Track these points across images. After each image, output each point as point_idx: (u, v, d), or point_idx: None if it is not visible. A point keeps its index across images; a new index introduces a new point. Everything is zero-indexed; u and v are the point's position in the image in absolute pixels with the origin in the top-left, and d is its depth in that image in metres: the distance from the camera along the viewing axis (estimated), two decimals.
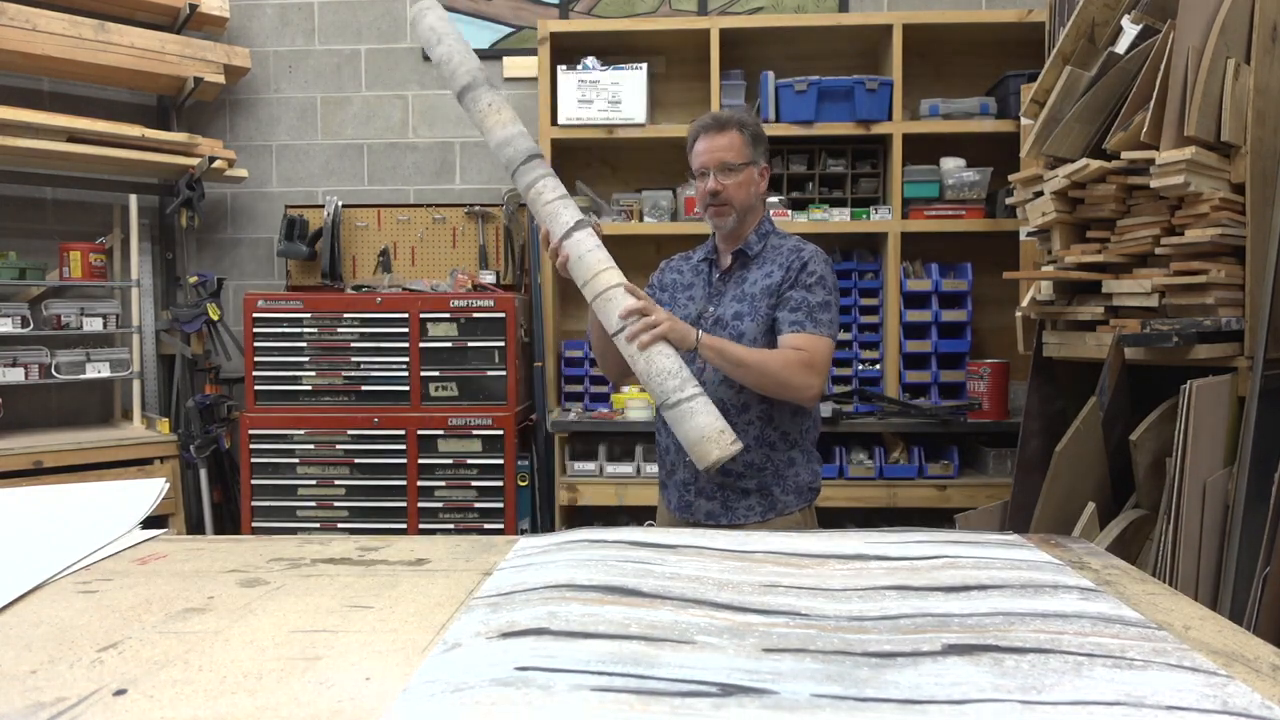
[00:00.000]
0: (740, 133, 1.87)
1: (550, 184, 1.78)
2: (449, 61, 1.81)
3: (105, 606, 0.91)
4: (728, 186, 1.86)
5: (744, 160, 1.87)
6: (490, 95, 1.80)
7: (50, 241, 3.60)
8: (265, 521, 3.40)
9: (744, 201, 1.89)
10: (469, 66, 1.81)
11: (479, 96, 1.80)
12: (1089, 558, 1.07)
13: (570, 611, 0.82)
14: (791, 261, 1.88)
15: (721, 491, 1.88)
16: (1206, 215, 2.04)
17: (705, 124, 1.89)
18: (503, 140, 1.79)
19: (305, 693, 0.69)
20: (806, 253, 1.91)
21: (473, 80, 1.80)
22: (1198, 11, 2.09)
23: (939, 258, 3.47)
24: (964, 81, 3.59)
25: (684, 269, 2.04)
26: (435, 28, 1.83)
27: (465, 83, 1.80)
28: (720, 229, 1.93)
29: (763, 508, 1.89)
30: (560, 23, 3.61)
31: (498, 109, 1.80)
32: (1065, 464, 2.19)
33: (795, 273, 1.86)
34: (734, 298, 1.90)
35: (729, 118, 1.89)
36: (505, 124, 1.79)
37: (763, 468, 1.88)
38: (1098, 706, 0.64)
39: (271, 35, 3.94)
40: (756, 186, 1.92)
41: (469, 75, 1.80)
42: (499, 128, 1.78)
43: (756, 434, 1.86)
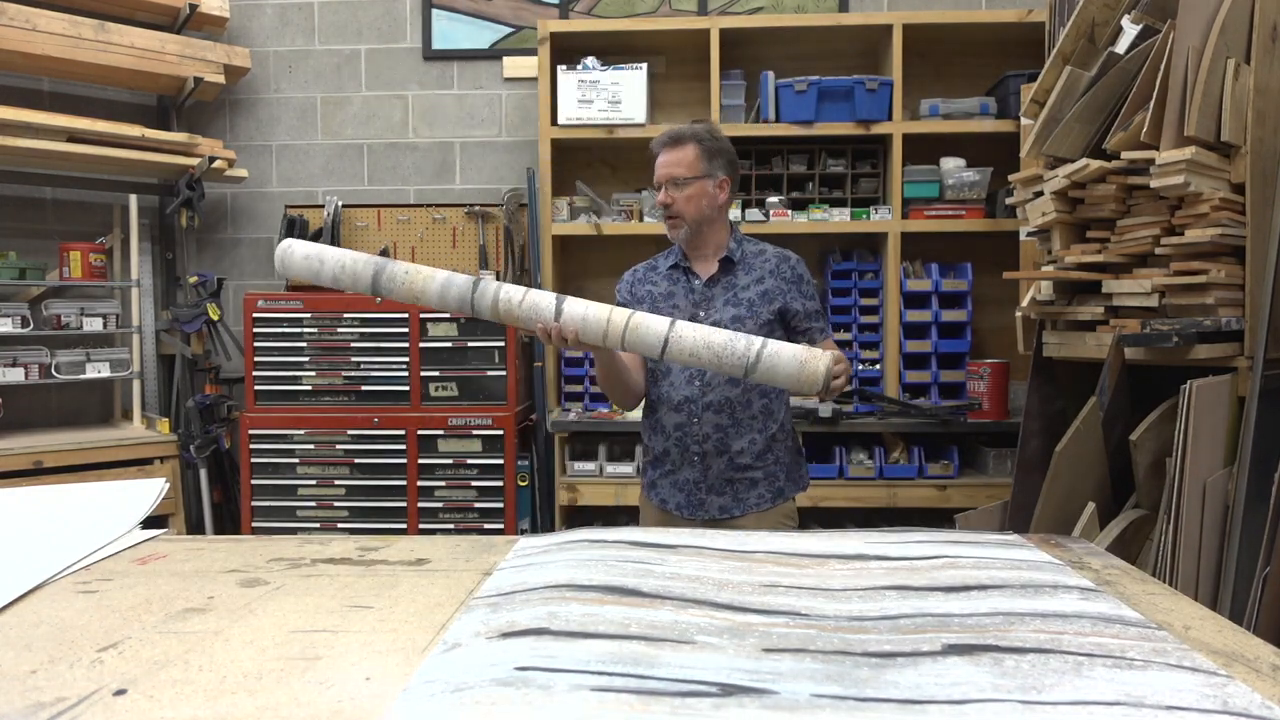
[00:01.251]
0: (696, 146, 1.93)
1: (509, 289, 1.77)
2: (343, 273, 1.78)
3: (105, 606, 0.91)
4: (676, 200, 1.94)
5: (695, 174, 1.93)
6: (395, 268, 1.78)
7: (50, 241, 3.60)
8: (265, 521, 3.40)
9: (694, 214, 1.95)
10: (361, 260, 1.79)
11: (394, 275, 1.77)
12: (1089, 558, 1.07)
13: (570, 611, 0.82)
14: (785, 272, 1.99)
15: (732, 486, 1.96)
16: (1206, 215, 2.04)
17: (663, 140, 1.98)
18: (439, 290, 1.76)
19: (305, 693, 0.69)
20: (793, 261, 2.02)
21: (376, 270, 1.77)
22: (1198, 11, 2.09)
23: (939, 258, 3.47)
24: (964, 81, 3.59)
25: (655, 279, 2.06)
26: (308, 256, 1.80)
27: (373, 273, 1.77)
28: (674, 240, 2.01)
29: (771, 494, 1.98)
30: (560, 23, 3.61)
31: (413, 274, 1.78)
32: (1065, 464, 2.19)
33: (794, 284, 1.99)
34: (728, 302, 1.96)
35: (686, 133, 1.96)
36: (429, 277, 1.77)
37: (767, 456, 1.97)
38: (1098, 706, 0.64)
39: (271, 35, 3.94)
40: (710, 199, 1.96)
41: (370, 267, 1.78)
42: (429, 283, 1.76)
43: (760, 427, 1.96)
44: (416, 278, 1.76)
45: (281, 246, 1.83)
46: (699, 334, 1.67)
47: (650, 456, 2.05)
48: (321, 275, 1.79)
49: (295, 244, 1.83)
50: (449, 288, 1.75)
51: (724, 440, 1.94)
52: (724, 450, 1.94)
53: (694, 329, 1.68)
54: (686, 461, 1.97)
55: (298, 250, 1.81)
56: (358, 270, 1.77)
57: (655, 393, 2.01)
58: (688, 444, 1.96)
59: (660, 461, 2.02)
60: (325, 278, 1.79)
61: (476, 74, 3.90)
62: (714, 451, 1.94)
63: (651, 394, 2.03)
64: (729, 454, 1.94)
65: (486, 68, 3.90)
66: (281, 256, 1.82)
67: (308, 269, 1.80)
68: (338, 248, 1.83)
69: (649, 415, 2.04)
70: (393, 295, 1.79)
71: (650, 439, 2.04)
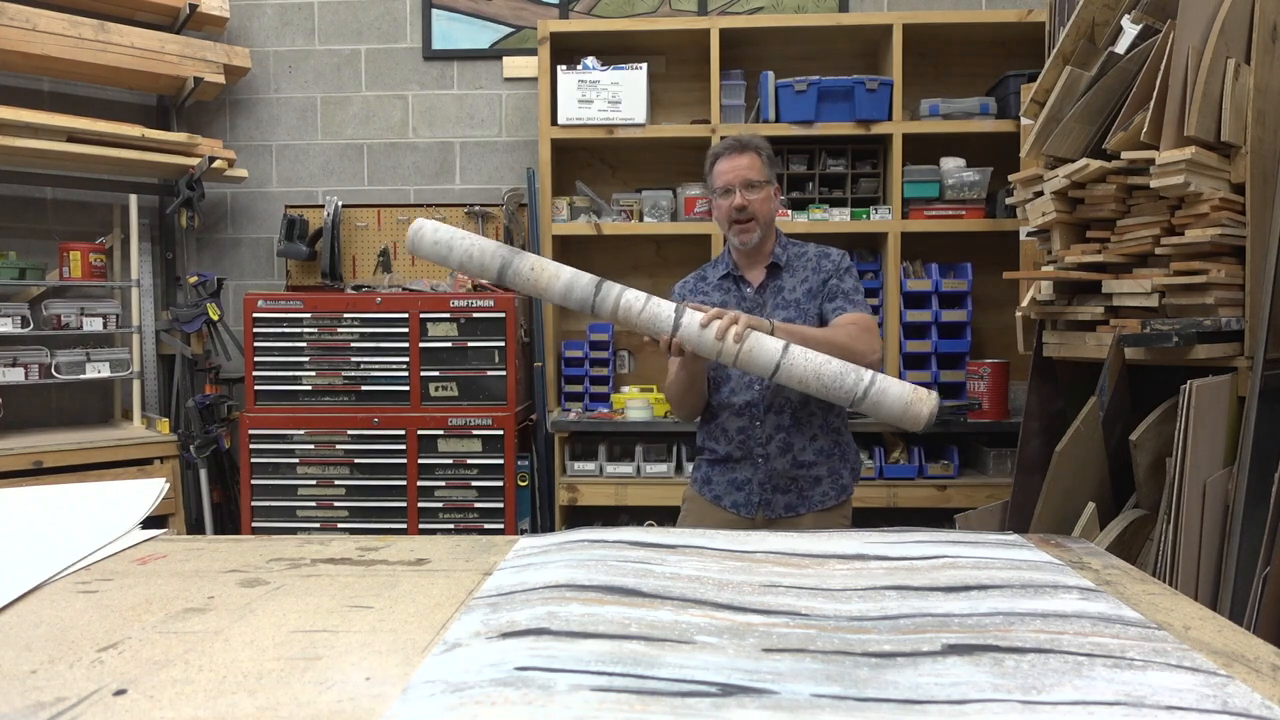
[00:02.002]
0: (759, 154, 2.00)
1: (631, 296, 1.81)
2: (471, 260, 1.82)
3: (105, 606, 0.91)
4: (753, 202, 1.97)
5: (764, 178, 2.00)
6: (526, 261, 1.82)
7: (50, 241, 3.60)
8: (265, 521, 3.40)
9: (767, 216, 2.01)
10: (489, 251, 1.82)
11: (520, 269, 1.82)
12: (1089, 558, 1.07)
13: (570, 611, 0.82)
14: (824, 265, 2.03)
15: (796, 484, 2.00)
16: (1206, 215, 2.04)
17: (728, 145, 2.01)
18: (564, 289, 1.81)
19: (305, 693, 0.69)
20: (834, 255, 2.05)
21: (505, 261, 1.81)
22: (1198, 11, 2.09)
23: (939, 258, 3.47)
24: (964, 81, 3.59)
25: (706, 290, 2.10)
26: (438, 241, 1.83)
27: (499, 265, 1.81)
28: (746, 245, 2.01)
29: (835, 491, 2.02)
30: (560, 23, 3.61)
31: (540, 268, 1.82)
32: (1065, 464, 2.19)
33: (830, 272, 2.02)
34: (778, 305, 2.01)
35: (749, 140, 2.02)
36: (556, 275, 1.81)
37: (830, 453, 2.01)
38: (1098, 706, 0.64)
39: (271, 35, 3.94)
40: (774, 203, 2.04)
41: (498, 259, 1.82)
42: (554, 280, 1.81)
43: (820, 423, 2.00)
44: (541, 275, 1.80)
45: (413, 227, 1.85)
46: (810, 363, 1.72)
47: (712, 458, 2.07)
48: (449, 260, 1.83)
49: (426, 226, 1.85)
50: (572, 289, 1.80)
51: (787, 440, 1.97)
52: (787, 449, 1.97)
53: (806, 356, 1.72)
54: (749, 463, 2.00)
55: (427, 234, 1.83)
56: (485, 261, 1.81)
57: (715, 399, 2.04)
58: (751, 446, 1.99)
59: (721, 464, 2.05)
60: (452, 263, 1.84)
61: (476, 74, 3.90)
62: (777, 452, 1.98)
63: (712, 400, 2.05)
64: (792, 453, 1.97)
65: (486, 68, 3.90)
66: (412, 237, 1.85)
67: (435, 254, 1.83)
68: (467, 234, 1.85)
69: (709, 421, 2.07)
70: (516, 288, 1.84)
71: (712, 444, 2.06)
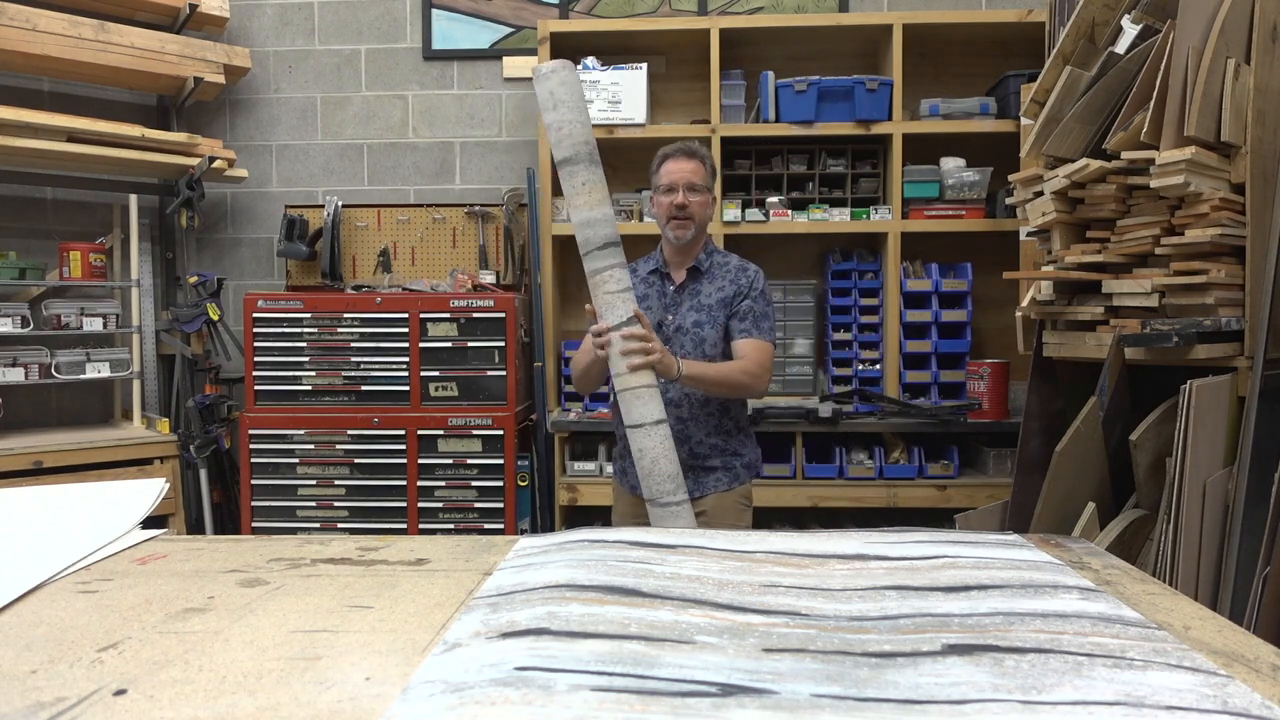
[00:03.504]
0: (703, 164, 2.19)
1: (616, 275, 1.85)
2: (559, 129, 1.82)
3: (105, 606, 0.91)
4: (693, 203, 2.16)
5: (706, 185, 2.19)
6: (588, 174, 1.83)
7: (50, 241, 3.60)
8: (265, 521, 3.40)
9: (702, 218, 2.19)
10: (576, 139, 1.82)
11: (576, 172, 1.82)
12: (1089, 558, 1.07)
13: (570, 611, 0.82)
14: (740, 280, 2.21)
15: (694, 471, 2.17)
16: (1206, 215, 2.04)
17: (678, 149, 2.20)
18: (584, 221, 1.83)
19: (305, 693, 0.69)
20: (751, 272, 2.23)
21: (575, 154, 1.82)
22: (1198, 11, 2.09)
23: (939, 258, 3.47)
24: (964, 81, 3.59)
25: (633, 281, 2.19)
26: (554, 93, 1.82)
27: (567, 155, 1.82)
28: (680, 240, 2.18)
29: (727, 479, 2.22)
30: (560, 23, 3.61)
31: (590, 189, 1.83)
32: (1065, 464, 2.19)
33: (745, 289, 2.19)
34: (691, 308, 2.20)
35: (696, 149, 2.20)
36: (593, 205, 1.82)
37: (724, 449, 2.22)
38: (1098, 706, 0.64)
39: (271, 35, 3.94)
40: (711, 209, 2.23)
41: (573, 148, 1.81)
42: (585, 208, 1.82)
43: (715, 423, 2.20)
44: (581, 195, 1.83)
45: (549, 66, 1.83)
46: (656, 449, 1.89)
47: (620, 445, 2.21)
48: (547, 116, 1.84)
49: (557, 75, 1.83)
50: (585, 227, 1.83)
51: (685, 432, 2.15)
52: (684, 441, 2.14)
53: (661, 444, 1.90)
54: None
55: (554, 80, 1.82)
56: (562, 142, 1.82)
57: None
58: None
59: (626, 451, 2.14)
60: (548, 120, 1.84)
61: (476, 74, 3.90)
62: (677, 442, 2.06)
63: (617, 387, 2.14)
64: (689, 444, 2.16)
65: (486, 68, 3.90)
66: (544, 73, 1.83)
67: (544, 101, 1.84)
68: (576, 111, 1.83)
69: (617, 410, 2.17)
70: (562, 184, 1.87)
71: (620, 430, 2.15)
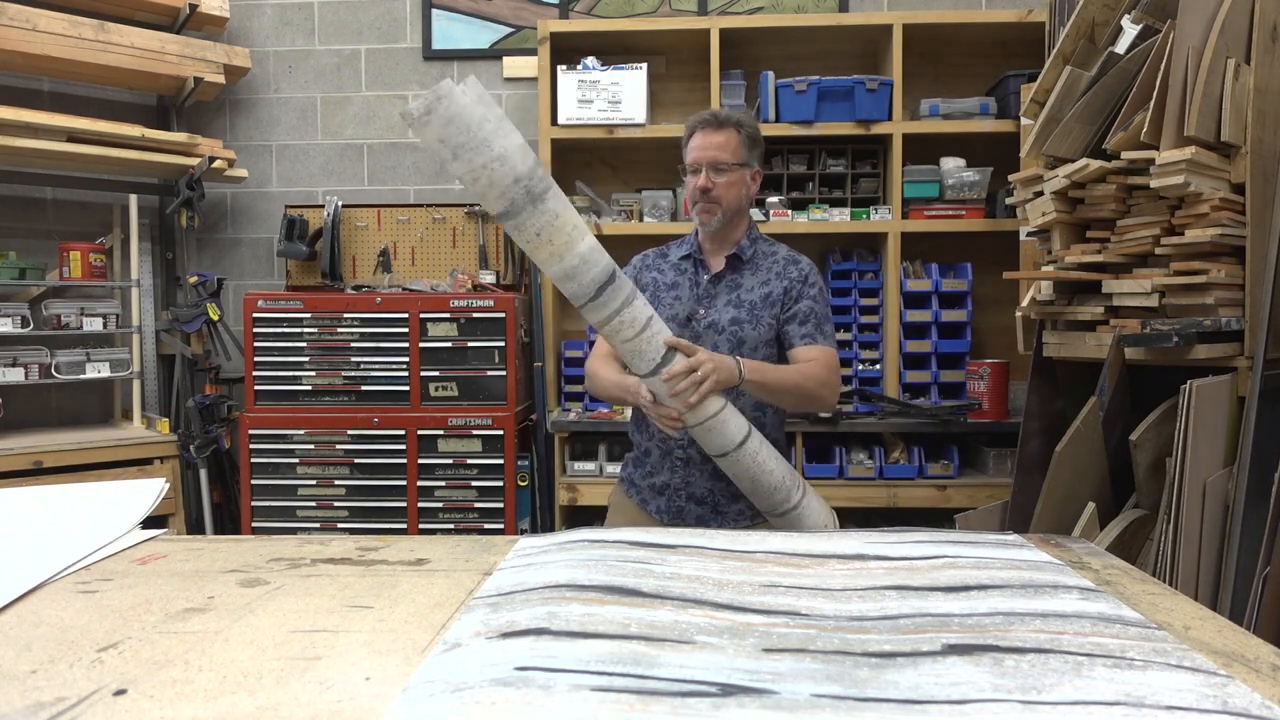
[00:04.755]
0: (737, 132, 1.86)
1: (629, 316, 1.51)
2: (474, 180, 1.32)
3: (105, 606, 0.91)
4: (717, 185, 1.85)
5: (737, 161, 1.86)
6: (538, 218, 1.36)
7: (50, 241, 3.60)
8: (265, 521, 3.40)
9: (732, 203, 1.88)
10: (502, 184, 1.32)
11: (523, 224, 1.37)
12: (1089, 558, 1.07)
13: (570, 611, 0.82)
14: (791, 274, 1.90)
15: (712, 496, 1.89)
16: (1206, 215, 2.04)
17: (704, 119, 1.88)
18: (563, 274, 1.44)
19: (305, 693, 0.69)
20: (804, 265, 1.92)
21: (511, 204, 1.34)
22: (1198, 11, 2.09)
23: (939, 258, 3.47)
24: (964, 81, 3.59)
25: (663, 267, 1.98)
26: (446, 139, 1.27)
27: (502, 209, 1.35)
28: (705, 227, 1.91)
29: (751, 513, 1.89)
30: (560, 23, 3.61)
31: (550, 235, 1.38)
32: (1065, 464, 2.19)
33: (799, 285, 1.89)
34: (729, 303, 1.88)
35: (728, 116, 1.87)
36: (563, 250, 1.40)
37: None
38: (1098, 706, 0.64)
39: (271, 35, 3.94)
40: (747, 189, 1.90)
41: (504, 199, 1.34)
42: (555, 259, 1.41)
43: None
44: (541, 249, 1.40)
45: (418, 106, 1.26)
46: (755, 464, 1.70)
47: (635, 453, 2.00)
48: (453, 169, 1.32)
49: (440, 108, 1.25)
50: (567, 281, 1.45)
51: (706, 457, 1.83)
52: (709, 458, 1.82)
53: (756, 456, 1.70)
54: (667, 465, 1.91)
55: (434, 127, 1.26)
56: (485, 196, 1.34)
57: None
58: (670, 447, 1.89)
59: (641, 461, 1.97)
60: (456, 174, 1.33)
61: (476, 74, 3.90)
62: (698, 458, 1.85)
63: None
64: (713, 462, 1.82)
65: (486, 68, 3.90)
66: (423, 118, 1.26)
67: (439, 154, 1.30)
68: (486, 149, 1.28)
69: (638, 411, 1.94)
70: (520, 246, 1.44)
71: (636, 436, 1.99)
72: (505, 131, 1.30)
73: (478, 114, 1.27)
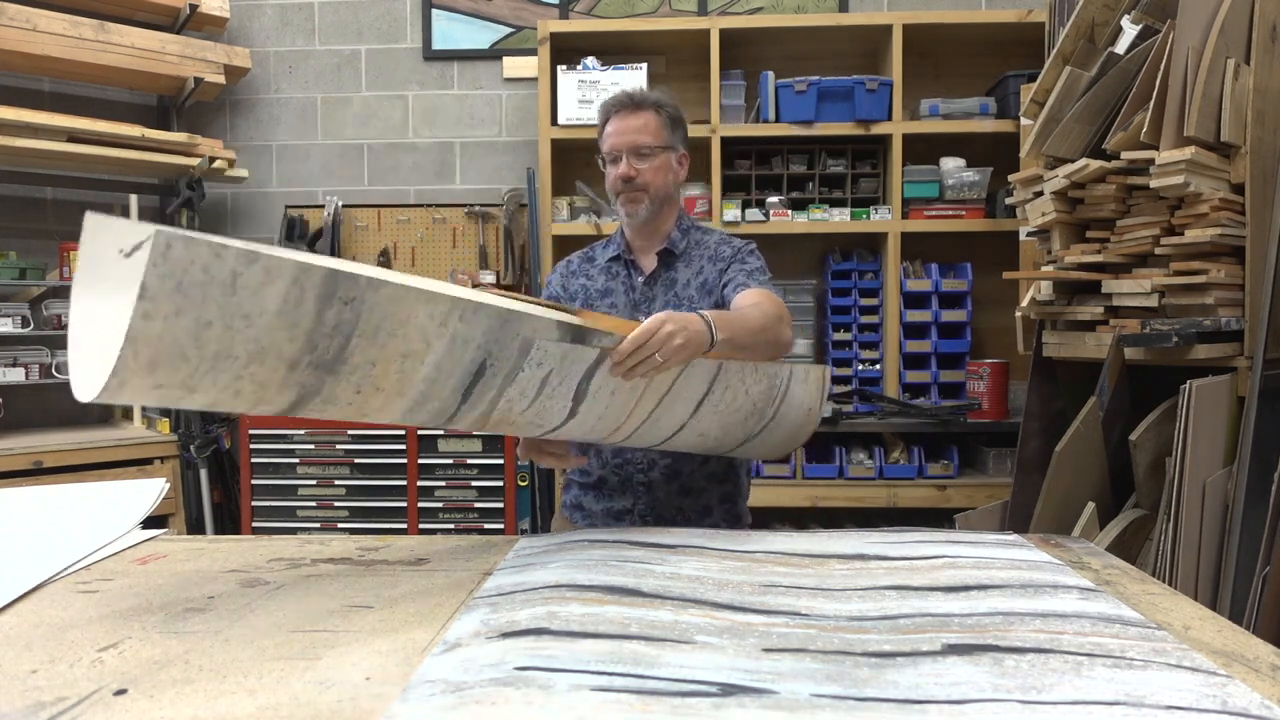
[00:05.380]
0: (657, 114, 1.69)
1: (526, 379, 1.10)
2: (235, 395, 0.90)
3: (105, 606, 0.91)
4: (642, 172, 1.67)
5: (660, 144, 1.68)
6: (351, 378, 0.95)
7: (50, 241, 3.60)
8: (265, 521, 3.40)
9: (660, 189, 1.69)
10: (272, 378, 0.90)
11: (332, 397, 0.97)
12: (1089, 558, 1.07)
13: (570, 611, 0.82)
14: (724, 253, 1.73)
15: (683, 513, 1.68)
16: (1206, 215, 2.04)
17: (618, 102, 1.70)
18: (411, 407, 1.03)
19: (305, 693, 0.69)
20: (737, 243, 1.76)
21: (299, 395, 0.95)
22: (1198, 11, 2.09)
23: (939, 258, 3.47)
24: (964, 81, 3.58)
25: (592, 272, 1.79)
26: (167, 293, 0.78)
27: (289, 402, 0.95)
28: (632, 219, 1.71)
29: (727, 522, 1.71)
30: (560, 23, 3.61)
31: (374, 383, 0.97)
32: (1065, 464, 2.19)
33: (731, 261, 1.71)
34: (668, 303, 1.70)
35: (645, 97, 1.71)
36: (403, 387, 1.00)
37: (724, 477, 1.72)
38: (1097, 706, 0.64)
39: (272, 35, 3.94)
40: (675, 174, 1.73)
41: (286, 393, 0.94)
42: (393, 403, 1.01)
43: None
44: (371, 399, 0.98)
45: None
46: (715, 420, 1.38)
47: (584, 481, 1.74)
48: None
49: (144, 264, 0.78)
50: (416, 408, 1.03)
51: (672, 465, 1.66)
52: (674, 476, 1.66)
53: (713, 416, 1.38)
54: (629, 490, 1.68)
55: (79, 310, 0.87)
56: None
57: None
58: (630, 472, 1.67)
59: (595, 488, 1.73)
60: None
61: (476, 74, 3.90)
62: (661, 480, 1.66)
63: None
64: (680, 479, 1.66)
65: (486, 68, 3.90)
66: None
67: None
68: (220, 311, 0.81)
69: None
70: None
71: (590, 463, 1.72)
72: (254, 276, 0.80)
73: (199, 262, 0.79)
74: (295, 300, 0.84)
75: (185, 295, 0.78)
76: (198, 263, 0.77)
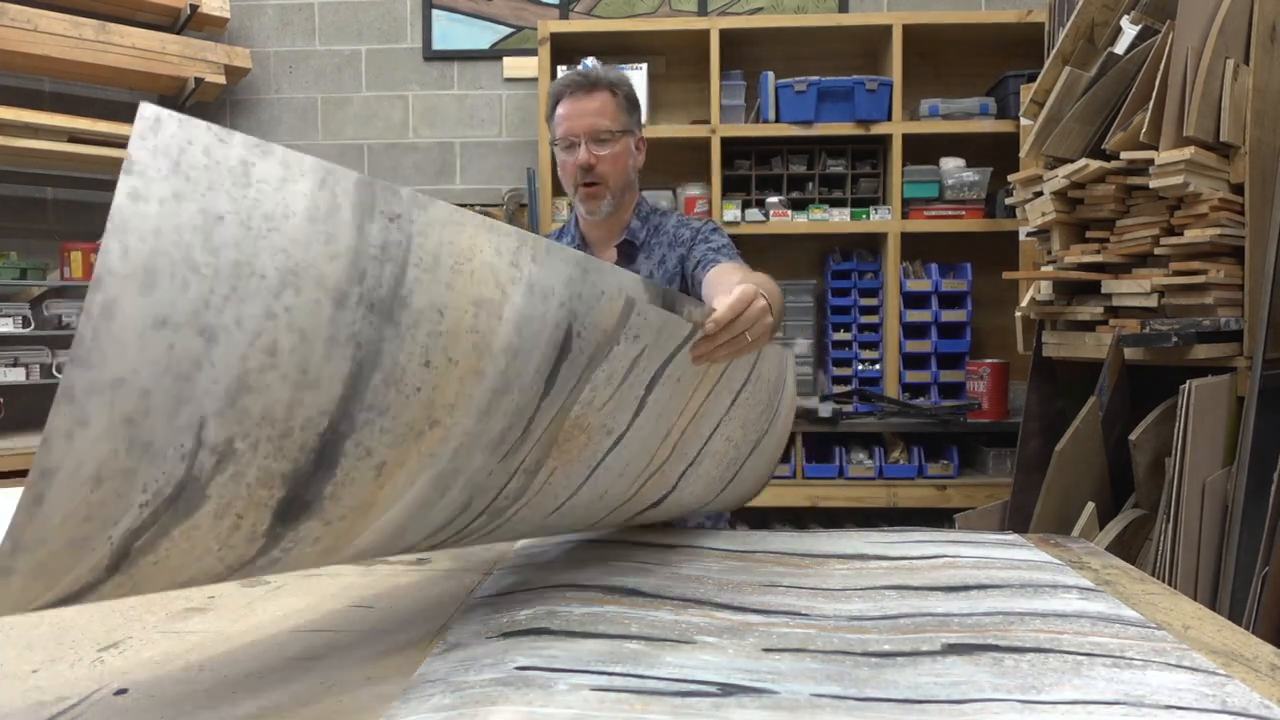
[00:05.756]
0: (613, 95, 1.56)
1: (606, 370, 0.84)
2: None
3: (105, 606, 0.91)
4: (602, 159, 1.54)
5: (619, 127, 1.56)
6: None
7: (51, 241, 3.61)
8: None
9: (620, 179, 1.58)
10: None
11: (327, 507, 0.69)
12: (1089, 558, 1.07)
13: (570, 611, 0.83)
14: (684, 235, 1.62)
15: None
16: (1206, 215, 2.04)
17: (571, 82, 1.55)
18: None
19: (305, 693, 0.69)
20: (696, 224, 1.65)
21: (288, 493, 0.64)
22: (1197, 11, 2.10)
23: (939, 258, 3.47)
24: (964, 81, 3.59)
25: None
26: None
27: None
28: (593, 215, 1.59)
29: (711, 519, 1.65)
30: (560, 23, 3.61)
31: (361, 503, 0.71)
32: (1065, 464, 2.20)
33: (689, 244, 1.59)
34: None
35: (600, 77, 1.56)
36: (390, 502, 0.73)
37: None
38: (1097, 706, 0.64)
39: (272, 35, 3.95)
40: (634, 159, 1.61)
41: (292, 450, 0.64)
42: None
43: None
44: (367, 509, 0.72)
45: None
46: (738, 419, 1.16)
47: None
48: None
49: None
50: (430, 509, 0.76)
51: None
52: None
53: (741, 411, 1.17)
54: None
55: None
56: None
57: None
58: None
59: None
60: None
61: (476, 74, 3.91)
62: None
63: None
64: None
65: (486, 68, 3.90)
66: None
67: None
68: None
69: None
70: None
71: None
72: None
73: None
74: (328, 206, 0.65)
75: (186, 178, 0.58)
76: (197, 144, 0.59)
